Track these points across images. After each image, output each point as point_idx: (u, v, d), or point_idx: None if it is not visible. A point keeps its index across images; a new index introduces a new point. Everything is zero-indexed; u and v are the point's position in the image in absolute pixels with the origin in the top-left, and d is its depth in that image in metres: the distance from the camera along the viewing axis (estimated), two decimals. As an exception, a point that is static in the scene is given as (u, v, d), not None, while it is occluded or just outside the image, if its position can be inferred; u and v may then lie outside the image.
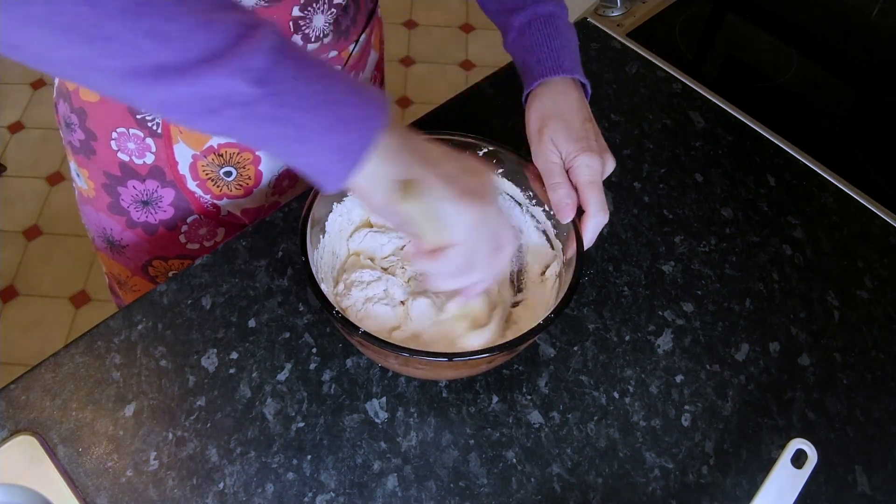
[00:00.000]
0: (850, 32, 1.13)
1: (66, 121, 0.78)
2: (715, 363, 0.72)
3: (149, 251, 0.86)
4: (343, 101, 0.43)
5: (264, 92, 0.40)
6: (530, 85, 0.67)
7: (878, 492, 0.66)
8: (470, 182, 0.51)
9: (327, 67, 0.44)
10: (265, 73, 0.40)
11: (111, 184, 0.79)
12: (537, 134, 0.65)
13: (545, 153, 0.64)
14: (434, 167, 0.49)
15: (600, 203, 0.63)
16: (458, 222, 0.51)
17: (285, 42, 0.42)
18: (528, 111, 0.67)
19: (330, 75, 0.43)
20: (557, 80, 0.66)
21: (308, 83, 0.42)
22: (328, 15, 0.69)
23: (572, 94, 0.66)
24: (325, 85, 0.42)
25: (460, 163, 0.52)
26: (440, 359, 0.56)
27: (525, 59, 0.68)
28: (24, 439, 0.63)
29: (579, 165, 0.63)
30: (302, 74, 0.41)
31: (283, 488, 0.63)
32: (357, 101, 0.44)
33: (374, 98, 0.45)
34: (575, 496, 0.64)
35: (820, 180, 0.88)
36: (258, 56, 0.39)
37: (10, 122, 2.15)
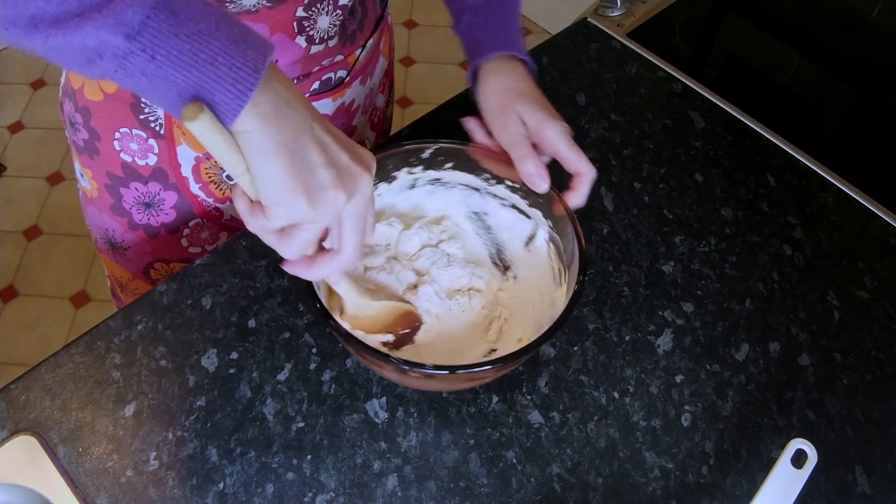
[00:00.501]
0: (850, 32, 1.13)
1: (71, 120, 0.78)
2: (715, 363, 0.72)
3: (150, 254, 0.86)
4: (217, 61, 0.43)
5: (137, 46, 0.41)
6: (481, 58, 0.68)
7: (878, 492, 0.66)
8: (324, 177, 0.48)
9: (211, 22, 0.43)
10: (139, 28, 0.40)
11: (114, 184, 0.79)
12: (500, 108, 0.65)
13: (511, 126, 0.64)
14: (292, 150, 0.46)
15: (586, 160, 0.64)
16: (280, 209, 0.48)
17: None
18: (483, 87, 0.67)
19: (210, 31, 0.43)
20: (508, 58, 0.68)
21: (184, 40, 0.42)
22: (333, 17, 0.69)
23: (523, 70, 0.68)
24: (201, 42, 0.42)
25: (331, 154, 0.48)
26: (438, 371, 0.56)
27: (476, 35, 0.69)
28: (24, 439, 0.63)
29: (552, 133, 0.64)
30: (179, 31, 0.41)
31: (283, 488, 0.63)
32: (229, 63, 0.43)
33: (249, 60, 0.43)
34: (575, 496, 0.64)
35: (820, 180, 0.88)
36: (133, 11, 0.40)
37: (10, 122, 2.15)
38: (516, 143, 0.64)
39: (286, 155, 0.46)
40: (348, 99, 0.80)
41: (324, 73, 0.74)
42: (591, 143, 0.88)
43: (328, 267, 0.54)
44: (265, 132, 0.45)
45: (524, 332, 0.67)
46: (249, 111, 0.44)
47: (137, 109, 0.72)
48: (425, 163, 0.69)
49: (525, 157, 0.64)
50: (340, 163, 0.48)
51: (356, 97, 0.81)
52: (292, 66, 0.70)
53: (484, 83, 0.68)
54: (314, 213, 0.48)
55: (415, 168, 0.69)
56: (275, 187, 0.47)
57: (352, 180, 0.49)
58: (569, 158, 0.64)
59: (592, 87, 0.94)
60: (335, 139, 0.49)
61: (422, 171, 0.70)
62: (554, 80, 0.94)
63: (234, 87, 0.43)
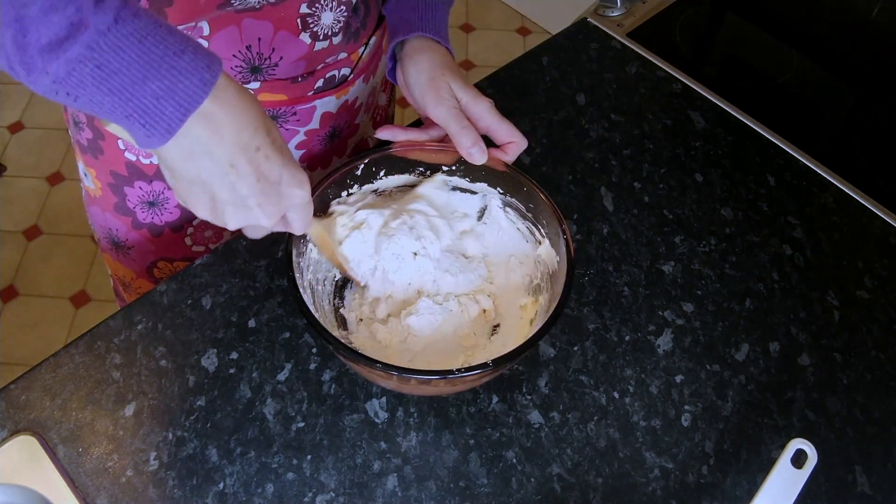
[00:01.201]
0: (850, 32, 1.13)
1: (75, 119, 0.78)
2: (715, 363, 0.72)
3: (154, 252, 0.86)
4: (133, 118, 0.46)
5: (62, 89, 0.44)
6: (406, 34, 0.69)
7: (878, 492, 0.66)
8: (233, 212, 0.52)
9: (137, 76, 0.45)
10: (63, 77, 0.44)
11: (118, 184, 0.79)
12: (431, 83, 0.66)
13: (445, 100, 0.66)
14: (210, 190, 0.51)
15: (517, 130, 0.67)
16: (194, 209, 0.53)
17: (100, 46, 0.43)
18: (411, 64, 0.68)
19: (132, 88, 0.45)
20: (432, 39, 0.69)
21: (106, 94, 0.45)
22: (337, 13, 0.69)
23: (447, 52, 0.70)
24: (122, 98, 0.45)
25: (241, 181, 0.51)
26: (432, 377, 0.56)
27: (407, 15, 0.71)
28: (24, 439, 0.63)
29: (481, 108, 0.66)
30: (103, 84, 0.44)
31: (283, 488, 0.63)
32: (144, 121, 0.46)
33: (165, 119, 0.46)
34: (575, 496, 0.64)
35: (820, 180, 0.88)
36: (58, 65, 0.43)
37: (10, 122, 2.15)
38: (453, 116, 0.65)
39: (187, 185, 0.51)
40: (351, 97, 0.80)
41: (328, 70, 0.74)
42: (591, 143, 0.88)
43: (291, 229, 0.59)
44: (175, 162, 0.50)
45: (521, 299, 0.69)
46: (165, 147, 0.48)
47: None
48: (360, 180, 0.69)
49: (463, 129, 0.65)
50: (247, 204, 0.52)
51: (359, 95, 0.81)
52: (297, 64, 0.70)
53: (412, 59, 0.69)
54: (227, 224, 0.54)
55: (352, 188, 0.69)
56: (183, 200, 0.53)
57: (255, 219, 0.54)
58: (501, 129, 0.66)
59: (592, 87, 0.94)
60: (257, 179, 0.51)
61: (358, 188, 0.70)
62: (554, 80, 0.94)
63: (147, 140, 0.47)
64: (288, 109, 0.74)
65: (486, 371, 0.55)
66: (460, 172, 0.70)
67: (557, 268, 0.64)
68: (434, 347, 0.66)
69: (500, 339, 0.68)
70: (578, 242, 0.79)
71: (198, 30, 0.64)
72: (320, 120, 0.78)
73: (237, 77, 0.69)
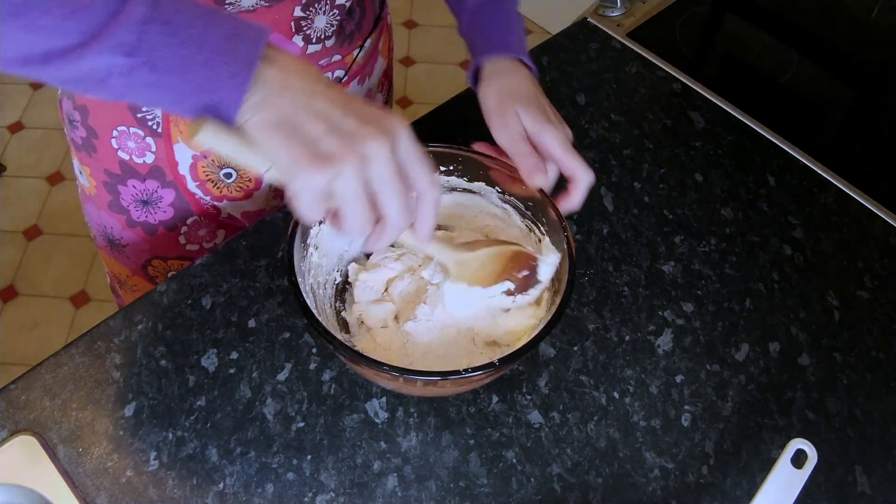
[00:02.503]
0: (850, 32, 1.13)
1: (70, 117, 0.78)
2: (715, 363, 0.72)
3: (148, 251, 0.86)
4: (213, 60, 0.45)
5: (137, 61, 0.44)
6: (480, 59, 0.68)
7: (878, 492, 0.66)
8: (329, 144, 0.47)
9: (202, 24, 0.45)
10: (135, 44, 0.44)
11: (112, 182, 0.79)
12: (499, 108, 0.65)
13: (510, 126, 0.64)
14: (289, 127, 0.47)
15: (584, 165, 0.64)
16: (297, 187, 0.47)
17: (157, 6, 0.44)
18: (483, 87, 0.68)
19: (202, 34, 0.45)
20: (508, 59, 0.68)
21: (179, 47, 0.45)
22: (331, 16, 0.69)
23: (524, 72, 0.68)
24: (195, 47, 0.45)
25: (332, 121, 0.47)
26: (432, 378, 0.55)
27: (476, 38, 0.70)
28: (24, 439, 0.63)
29: (549, 138, 0.64)
30: (173, 38, 0.44)
31: (283, 488, 0.63)
32: (226, 59, 0.45)
33: (241, 56, 0.45)
34: (575, 496, 0.64)
35: (820, 180, 0.88)
36: (127, 30, 0.43)
37: (10, 122, 2.15)
38: (515, 141, 0.64)
39: (283, 132, 0.46)
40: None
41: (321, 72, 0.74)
42: (591, 143, 0.88)
43: (383, 238, 0.51)
44: (261, 116, 0.46)
45: None
46: (248, 101, 0.46)
47: (135, 108, 0.72)
48: None
49: (522, 156, 0.63)
50: (344, 128, 0.47)
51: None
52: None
53: (484, 83, 0.68)
54: (328, 178, 0.46)
55: None
56: (284, 164, 0.47)
57: (360, 142, 0.47)
58: (564, 162, 0.64)
59: (592, 87, 0.94)
60: (343, 108, 0.48)
61: None
62: (554, 80, 0.94)
63: (231, 82, 0.45)
64: None
65: (491, 371, 0.55)
66: (458, 172, 0.70)
67: (559, 268, 0.64)
68: (434, 353, 0.66)
69: None
70: (578, 242, 0.79)
71: None
72: None
73: None
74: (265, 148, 0.47)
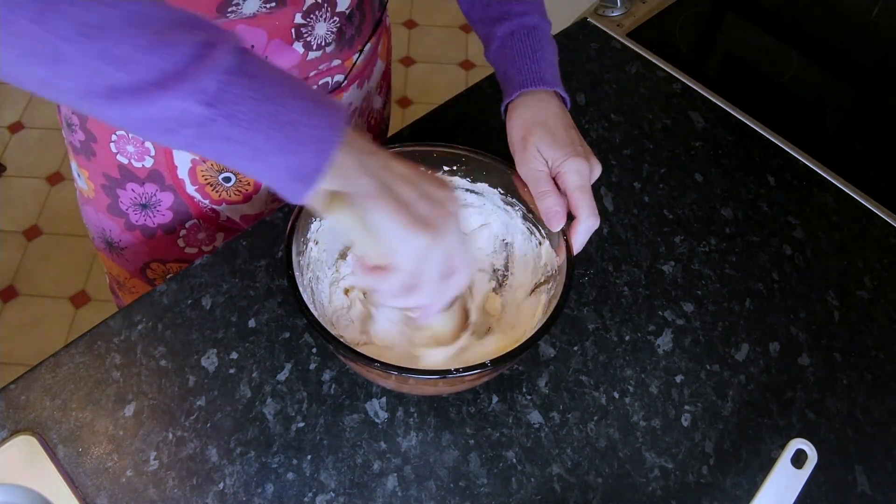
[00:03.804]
0: (850, 32, 1.13)
1: (68, 121, 0.78)
2: (715, 363, 0.72)
3: (147, 254, 0.86)
4: (298, 122, 0.43)
5: (217, 113, 0.41)
6: (511, 95, 0.67)
7: (878, 492, 0.66)
8: (424, 208, 0.49)
9: (287, 85, 0.44)
10: (217, 94, 0.41)
11: (110, 185, 0.79)
12: (521, 142, 0.64)
13: (531, 161, 0.63)
14: (388, 191, 0.48)
15: (591, 207, 0.62)
16: (402, 249, 0.49)
17: (244, 60, 0.42)
18: (509, 121, 0.66)
19: (287, 94, 0.43)
20: (538, 91, 0.66)
21: (263, 104, 0.42)
22: (331, 23, 0.69)
23: (553, 103, 0.66)
24: (280, 105, 0.43)
25: (419, 186, 0.50)
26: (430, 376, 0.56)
27: (507, 69, 0.68)
28: (24, 439, 0.63)
29: (567, 171, 0.62)
30: (257, 94, 0.42)
31: (283, 488, 0.63)
32: (313, 122, 0.44)
33: (332, 117, 0.45)
34: (575, 496, 0.64)
35: (820, 180, 0.88)
36: (211, 78, 0.40)
37: (10, 122, 2.15)
38: (535, 179, 0.63)
39: (388, 196, 0.47)
40: (345, 102, 0.80)
41: (321, 77, 0.74)
42: (591, 143, 0.88)
43: (450, 291, 0.54)
44: (361, 182, 0.46)
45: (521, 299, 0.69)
46: (336, 169, 0.45)
47: None
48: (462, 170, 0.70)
49: (542, 195, 0.63)
50: (428, 192, 0.49)
51: (353, 100, 0.81)
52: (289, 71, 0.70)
53: (509, 117, 0.67)
54: (433, 243, 0.49)
55: None
56: (393, 229, 0.48)
57: (445, 204, 0.50)
58: (573, 200, 0.62)
59: (592, 87, 0.94)
60: (412, 171, 0.50)
61: None
62: (554, 80, 0.94)
63: (317, 146, 0.43)
64: None
65: (485, 371, 0.55)
66: (461, 173, 0.70)
67: (557, 268, 0.64)
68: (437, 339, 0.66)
69: (497, 338, 0.68)
70: (578, 242, 0.79)
71: None
72: None
73: None
74: (370, 216, 0.47)
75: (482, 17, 0.71)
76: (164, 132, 0.42)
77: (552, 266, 0.65)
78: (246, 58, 0.42)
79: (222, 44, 0.41)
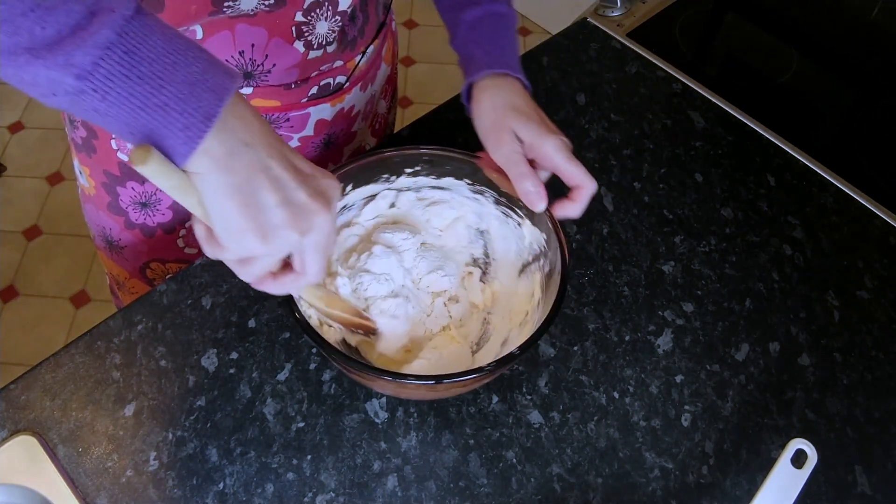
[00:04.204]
0: (850, 32, 1.13)
1: (70, 117, 0.78)
2: (715, 363, 0.72)
3: (147, 253, 0.86)
4: (169, 106, 0.42)
5: (89, 86, 0.40)
6: (475, 75, 0.66)
7: (878, 492, 0.66)
8: (279, 217, 0.47)
9: (169, 62, 0.42)
10: (91, 69, 0.40)
11: (111, 183, 0.79)
12: (494, 125, 0.64)
13: (506, 144, 0.63)
14: (244, 192, 0.46)
15: (587, 173, 0.63)
16: (232, 246, 0.48)
17: (127, 31, 0.41)
18: (478, 104, 0.66)
19: (165, 74, 0.42)
20: (505, 76, 0.67)
21: (136, 83, 0.41)
22: (332, 22, 0.68)
23: (520, 88, 0.66)
24: (155, 87, 0.42)
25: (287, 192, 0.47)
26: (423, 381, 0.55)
27: (472, 52, 0.68)
28: (24, 439, 0.63)
29: (549, 148, 0.62)
30: (132, 73, 0.41)
31: (283, 488, 0.63)
32: (186, 108, 0.43)
33: (208, 102, 0.43)
34: (575, 496, 0.64)
35: (820, 180, 0.88)
36: (83, 52, 0.39)
37: (10, 122, 2.15)
38: (512, 161, 0.63)
39: (238, 196, 0.45)
40: (347, 104, 0.80)
41: (322, 78, 0.74)
42: (591, 143, 0.88)
43: (292, 285, 0.53)
44: (217, 175, 0.44)
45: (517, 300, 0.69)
46: (201, 154, 0.44)
47: None
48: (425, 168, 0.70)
49: (522, 176, 0.62)
50: (296, 201, 0.47)
51: (356, 103, 0.81)
52: (289, 71, 0.70)
53: (477, 100, 0.66)
54: (268, 250, 0.48)
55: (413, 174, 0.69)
56: (229, 228, 0.46)
57: (308, 217, 0.48)
58: (568, 171, 0.63)
59: (592, 87, 0.94)
60: (295, 175, 0.48)
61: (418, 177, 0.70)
62: (554, 80, 0.94)
63: (184, 133, 0.42)
64: (281, 116, 0.74)
65: (483, 375, 0.55)
66: (424, 172, 0.69)
67: (545, 243, 0.64)
68: None
69: (494, 338, 0.68)
70: (578, 242, 0.79)
71: (191, 34, 0.64)
72: (314, 127, 0.78)
73: None
74: (211, 206, 0.46)
75: (452, 4, 0.71)
76: (40, 95, 0.42)
77: (539, 243, 0.66)
78: (131, 28, 0.41)
79: (105, 13, 0.40)
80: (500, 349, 0.67)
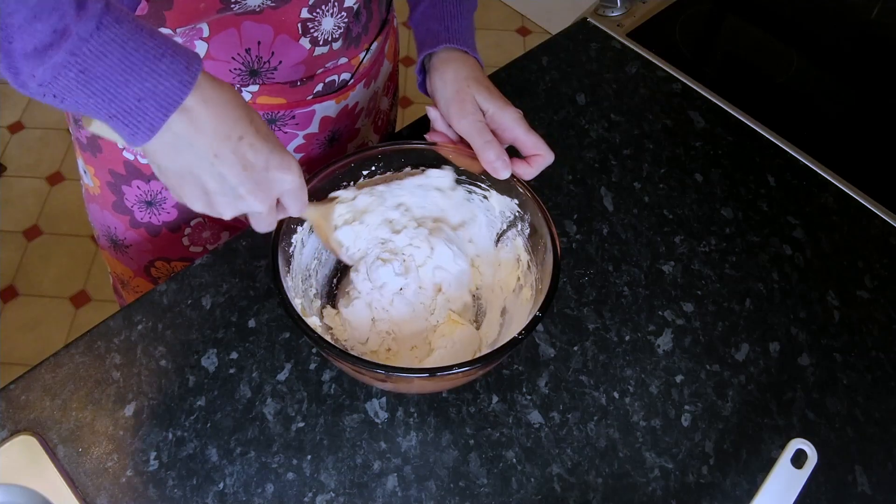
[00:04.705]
0: (850, 32, 1.13)
1: (75, 117, 0.78)
2: (715, 363, 0.72)
3: (152, 252, 0.86)
4: (118, 118, 0.47)
5: (48, 92, 0.46)
6: (435, 47, 0.68)
7: (878, 492, 0.66)
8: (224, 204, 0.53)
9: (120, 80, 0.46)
10: (50, 81, 0.45)
11: (116, 182, 0.79)
12: (458, 95, 0.65)
13: (470, 113, 0.65)
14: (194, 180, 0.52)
15: (545, 144, 0.65)
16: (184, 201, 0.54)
17: (78, 55, 0.44)
18: (439, 76, 0.67)
19: (116, 91, 0.46)
20: (463, 52, 0.68)
21: (89, 97, 0.46)
22: (338, 19, 0.69)
23: (478, 65, 0.69)
24: (105, 100, 0.46)
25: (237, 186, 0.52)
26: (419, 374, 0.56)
27: (431, 25, 0.70)
28: (24, 439, 0.63)
29: (508, 118, 0.64)
30: (85, 90, 0.45)
31: (283, 488, 0.63)
32: (127, 121, 0.47)
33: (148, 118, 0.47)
34: (575, 496, 0.64)
35: (820, 180, 0.88)
36: (43, 70, 0.44)
37: (10, 122, 2.15)
38: (477, 130, 0.64)
39: (190, 184, 0.52)
40: (352, 101, 0.80)
41: (327, 75, 0.74)
42: (591, 143, 0.88)
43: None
44: (162, 159, 0.51)
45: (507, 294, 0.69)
46: (148, 149, 0.50)
47: None
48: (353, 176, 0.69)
49: (487, 144, 0.64)
50: (238, 192, 0.53)
51: (360, 100, 0.81)
52: (295, 68, 0.70)
53: (439, 72, 0.67)
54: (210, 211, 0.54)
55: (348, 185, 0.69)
56: (177, 194, 0.53)
57: (246, 205, 0.54)
58: (529, 141, 0.65)
59: (592, 87, 0.94)
60: (241, 170, 0.52)
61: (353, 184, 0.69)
62: (554, 80, 0.94)
63: (131, 138, 0.48)
64: (286, 113, 0.74)
65: (475, 368, 0.55)
66: (380, 171, 0.69)
67: (520, 208, 0.65)
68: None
69: (490, 312, 0.69)
70: (578, 242, 0.79)
71: (197, 31, 0.64)
72: (319, 124, 0.78)
73: (235, 80, 0.69)
74: (163, 179, 0.53)
75: None
76: (13, 86, 0.46)
77: (511, 210, 0.67)
78: (88, 47, 0.44)
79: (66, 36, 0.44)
80: (500, 319, 0.68)
